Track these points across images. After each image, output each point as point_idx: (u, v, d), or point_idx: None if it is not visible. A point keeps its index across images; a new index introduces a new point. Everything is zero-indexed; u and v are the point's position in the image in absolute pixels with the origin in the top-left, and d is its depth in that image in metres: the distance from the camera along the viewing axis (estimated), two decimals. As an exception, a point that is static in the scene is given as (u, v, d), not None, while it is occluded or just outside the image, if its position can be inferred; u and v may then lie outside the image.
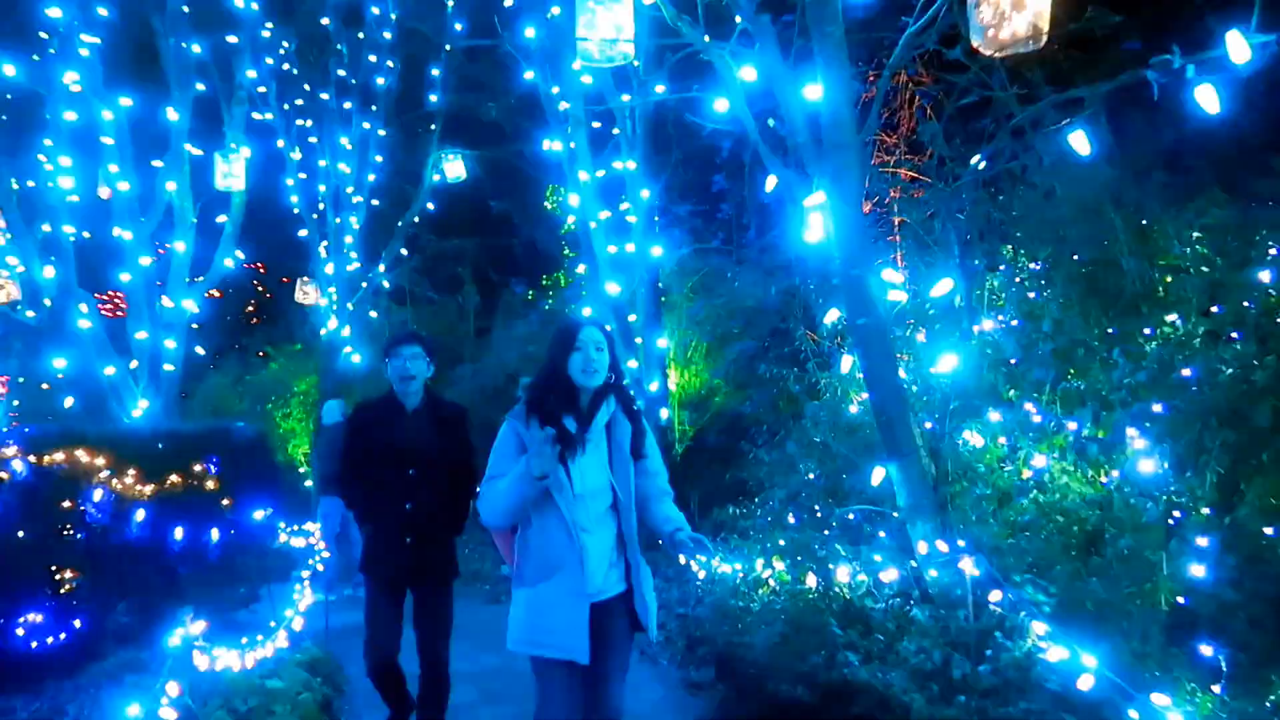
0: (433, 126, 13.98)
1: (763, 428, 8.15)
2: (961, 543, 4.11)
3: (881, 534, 4.92)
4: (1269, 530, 4.14)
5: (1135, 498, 4.19)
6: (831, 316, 5.59)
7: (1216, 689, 3.78)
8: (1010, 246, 5.67)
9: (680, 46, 5.64)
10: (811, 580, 5.03)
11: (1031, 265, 5.46)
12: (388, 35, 13.41)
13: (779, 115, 4.47)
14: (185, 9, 10.20)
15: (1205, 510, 4.22)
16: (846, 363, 5.49)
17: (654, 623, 3.23)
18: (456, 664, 4.39)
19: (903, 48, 4.34)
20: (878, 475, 4.60)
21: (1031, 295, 5.49)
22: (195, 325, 10.62)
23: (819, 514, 5.37)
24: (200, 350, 11.45)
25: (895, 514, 4.61)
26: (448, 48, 13.47)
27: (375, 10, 13.28)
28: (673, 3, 5.07)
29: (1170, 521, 4.11)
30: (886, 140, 6.27)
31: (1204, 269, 5.31)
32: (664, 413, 9.95)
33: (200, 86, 10.64)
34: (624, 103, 9.52)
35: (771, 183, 4.98)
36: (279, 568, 8.67)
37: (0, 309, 9.64)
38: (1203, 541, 3.96)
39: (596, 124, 10.42)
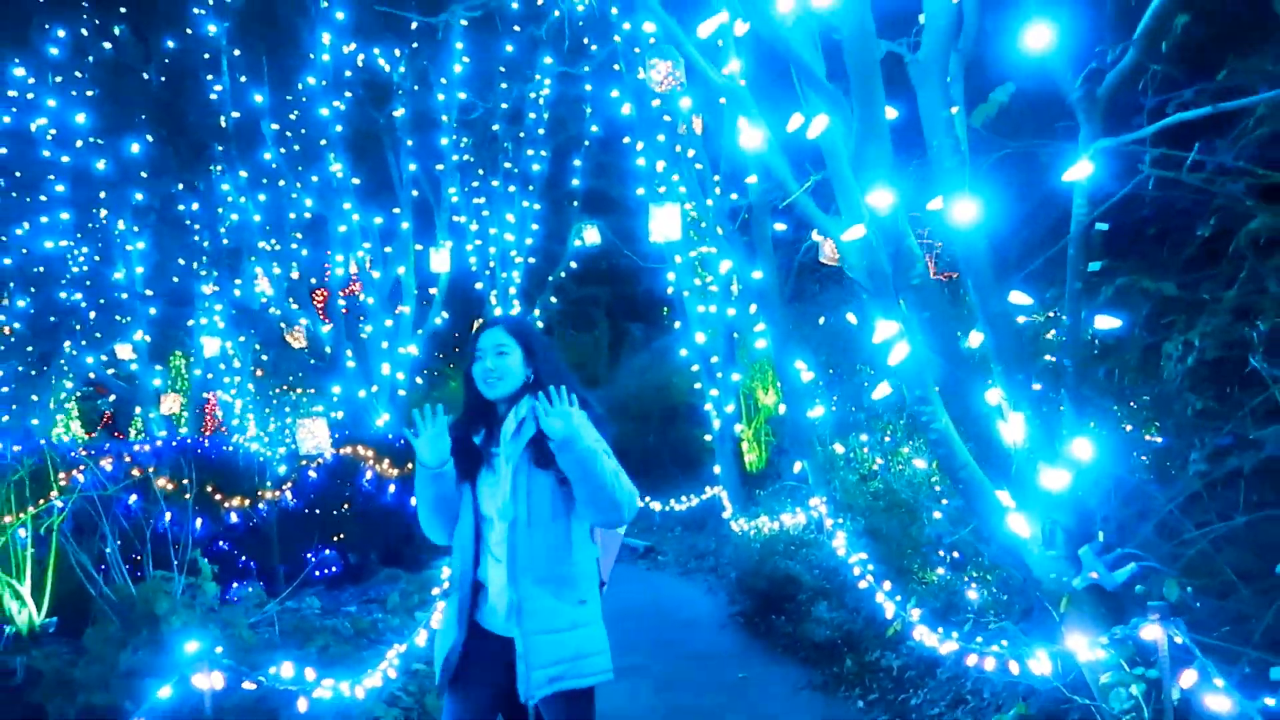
0: (575, 203, 19.04)
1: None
2: (824, 499, 8.67)
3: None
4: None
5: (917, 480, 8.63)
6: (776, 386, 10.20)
7: (941, 570, 8.13)
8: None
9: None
10: (775, 525, 9.66)
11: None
12: (541, 132, 18.49)
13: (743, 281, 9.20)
14: (409, 142, 15.60)
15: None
16: (781, 409, 10.17)
17: (535, 689, 2.73)
18: None
19: (799, 258, 9.05)
20: (797, 466, 9.21)
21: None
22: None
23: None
24: (419, 380, 16.80)
25: (802, 487, 9.25)
26: (586, 143, 18.46)
27: (532, 115, 18.40)
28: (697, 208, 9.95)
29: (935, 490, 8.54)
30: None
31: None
32: (737, 428, 14.13)
33: (414, 193, 16.05)
34: (707, 206, 14.18)
35: (754, 309, 9.77)
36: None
37: (296, 351, 15.25)
38: (944, 501, 8.36)
39: (693, 213, 15.00)
